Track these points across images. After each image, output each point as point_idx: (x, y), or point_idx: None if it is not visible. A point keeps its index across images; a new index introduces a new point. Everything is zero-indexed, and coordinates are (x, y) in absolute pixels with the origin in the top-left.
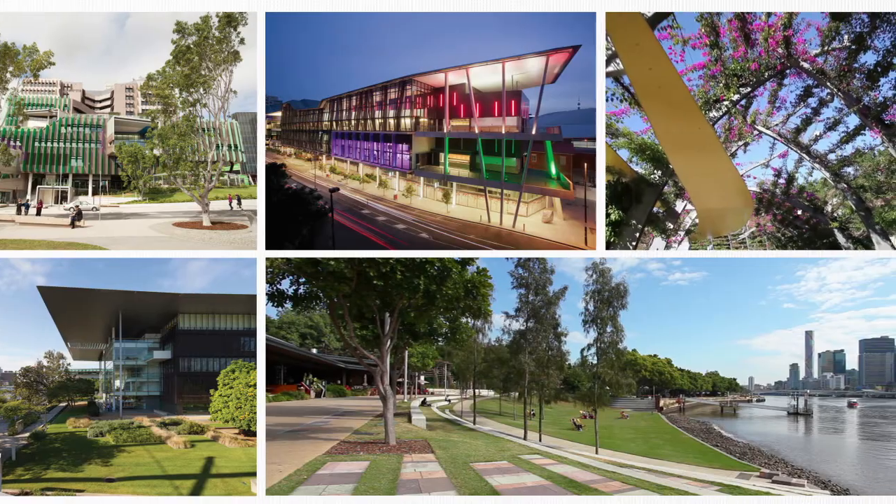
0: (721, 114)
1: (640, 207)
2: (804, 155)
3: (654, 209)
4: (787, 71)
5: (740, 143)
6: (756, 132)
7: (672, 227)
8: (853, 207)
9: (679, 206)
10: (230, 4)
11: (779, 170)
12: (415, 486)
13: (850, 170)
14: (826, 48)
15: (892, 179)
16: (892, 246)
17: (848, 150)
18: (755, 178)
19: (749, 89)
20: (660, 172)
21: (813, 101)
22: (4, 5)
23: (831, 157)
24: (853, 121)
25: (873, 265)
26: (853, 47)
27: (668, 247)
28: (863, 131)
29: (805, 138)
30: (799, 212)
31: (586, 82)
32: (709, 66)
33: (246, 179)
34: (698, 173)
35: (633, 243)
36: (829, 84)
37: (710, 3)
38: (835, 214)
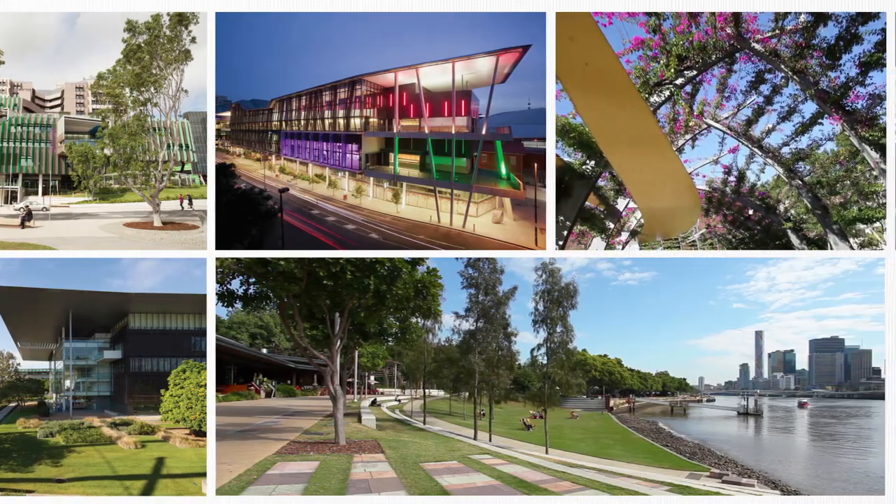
0: (663, 99)
1: (568, 202)
2: (756, 150)
3: (590, 206)
4: (738, 55)
5: (687, 136)
6: (704, 125)
7: (613, 227)
8: (808, 206)
9: (621, 203)
10: (181, 4)
11: (729, 166)
12: (365, 486)
13: (805, 166)
14: (780, 26)
15: (852, 174)
16: (851, 247)
17: (803, 142)
18: (704, 175)
19: (695, 72)
20: (593, 163)
21: (766, 89)
22: None
23: (785, 151)
24: (810, 109)
25: (823, 265)
26: (811, 19)
27: (608, 247)
28: (820, 120)
29: (757, 131)
30: (750, 212)
31: (536, 82)
32: (648, 42)
33: (197, 179)
34: (641, 170)
35: (561, 242)
36: (783, 67)
37: (665, 3)
38: (788, 214)
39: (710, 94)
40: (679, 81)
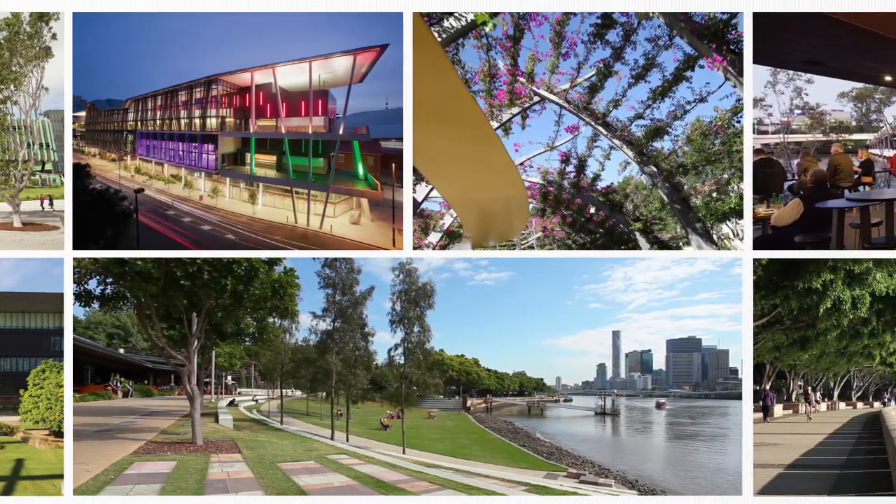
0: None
1: None
2: (600, 129)
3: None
4: None
5: (514, 110)
6: (535, 96)
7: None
8: (664, 199)
9: (420, 192)
10: (36, 4)
11: (567, 153)
12: (222, 486)
13: (663, 144)
14: None
15: (732, 147)
16: (718, 247)
17: (664, 110)
18: (539, 168)
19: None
20: None
21: (615, 36)
22: None
23: (638, 127)
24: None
25: (680, 265)
26: None
27: (416, 247)
28: (688, 72)
29: (603, 103)
30: (592, 210)
31: (394, 82)
32: None
33: (58, 179)
34: (448, 156)
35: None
36: None
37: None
38: (637, 213)
39: (542, 49)
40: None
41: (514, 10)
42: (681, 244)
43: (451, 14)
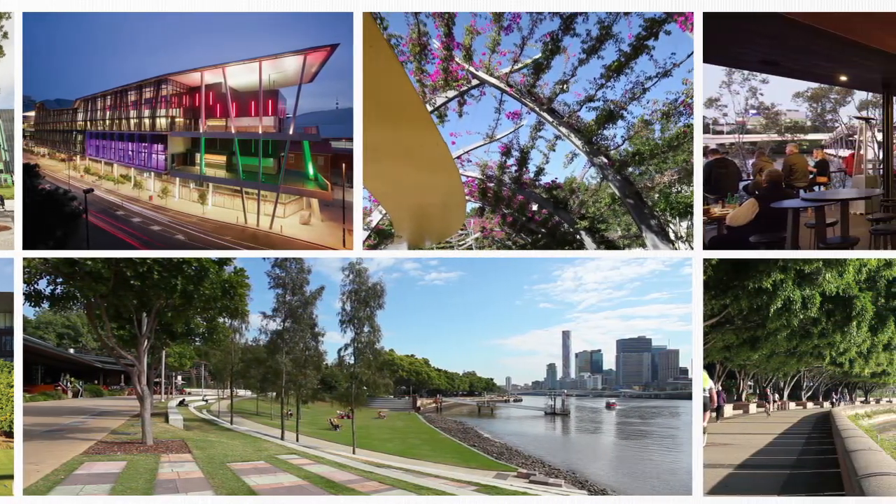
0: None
1: None
2: (545, 116)
3: None
4: None
5: (449, 93)
6: (474, 79)
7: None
8: (616, 193)
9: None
10: None
11: (508, 146)
12: (172, 486)
13: (616, 131)
14: None
15: (678, 143)
16: (675, 245)
17: (619, 90)
18: (478, 161)
19: None
20: None
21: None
22: None
23: (589, 110)
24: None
25: (630, 265)
26: None
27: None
28: (651, 41)
29: (549, 87)
30: (535, 207)
31: (344, 81)
32: None
33: (9, 179)
34: (387, 156)
35: None
36: None
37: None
38: (583, 211)
39: (481, 23)
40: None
41: (465, 10)
42: (631, 243)
43: None
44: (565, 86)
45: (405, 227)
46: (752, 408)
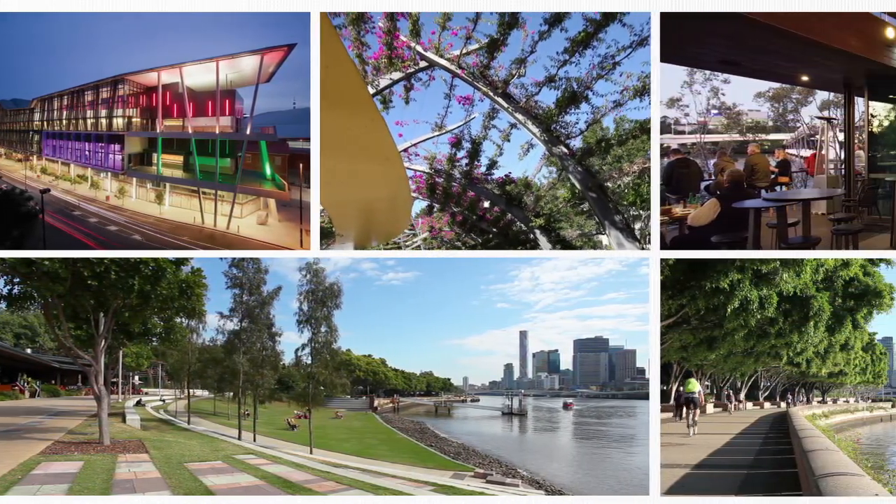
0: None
1: None
2: (499, 101)
3: None
4: None
5: (394, 74)
6: (421, 60)
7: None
8: (576, 187)
9: None
10: None
11: (459, 136)
12: (129, 485)
13: (579, 116)
14: None
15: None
16: (640, 243)
17: (584, 66)
18: (426, 156)
19: None
20: None
21: None
22: None
23: (551, 90)
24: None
25: (587, 265)
26: None
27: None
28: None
29: (504, 68)
30: (486, 204)
31: (301, 81)
32: None
33: None
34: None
35: None
36: None
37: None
38: (538, 208)
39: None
40: None
41: (428, 10)
42: (584, 244)
43: None
44: (523, 67)
45: (347, 225)
46: (710, 408)
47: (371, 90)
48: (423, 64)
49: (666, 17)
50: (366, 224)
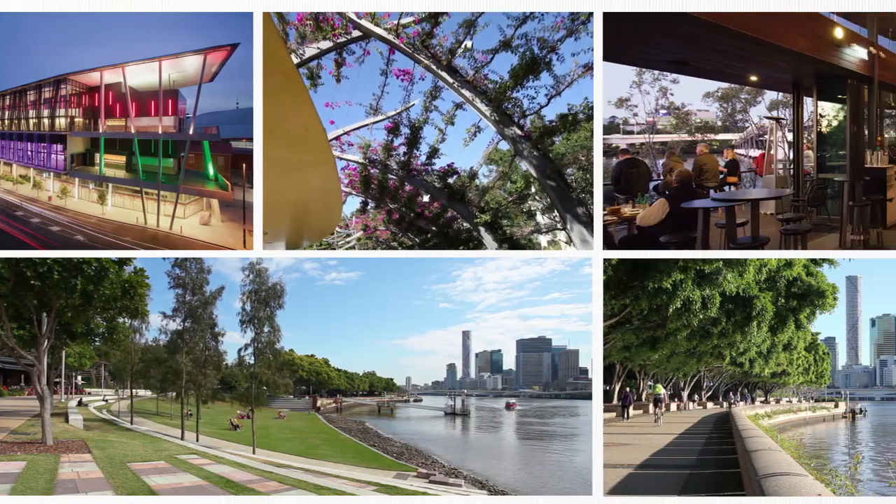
0: None
1: None
2: (443, 76)
3: None
4: None
5: (322, 43)
6: (354, 30)
7: None
8: (532, 175)
9: None
10: None
11: (396, 121)
12: (72, 485)
13: (537, 92)
14: None
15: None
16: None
17: (550, 19)
18: (360, 146)
19: None
20: None
21: None
22: None
23: (505, 62)
24: None
25: (530, 265)
26: None
27: None
28: None
29: (449, 40)
30: (426, 198)
31: (244, 81)
32: None
33: None
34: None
35: None
36: None
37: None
38: (484, 203)
39: None
40: None
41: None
42: (528, 243)
43: None
44: (472, 30)
45: (277, 223)
46: (652, 408)
47: (295, 60)
48: (356, 34)
49: (614, 17)
50: (297, 221)
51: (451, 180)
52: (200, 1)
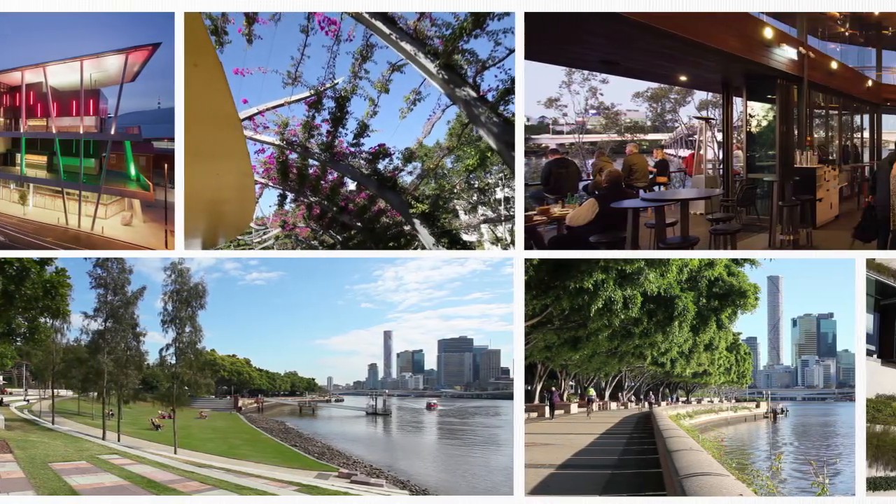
0: None
1: None
2: (378, 26)
3: None
4: None
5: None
6: None
7: None
8: (487, 151)
9: None
10: None
11: (318, 91)
12: None
13: (496, 46)
14: None
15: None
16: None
17: None
18: (278, 127)
19: None
20: None
21: None
22: None
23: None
24: None
25: (451, 265)
26: None
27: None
28: None
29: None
30: (352, 186)
31: (166, 81)
32: None
33: None
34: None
35: None
36: None
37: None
38: (422, 191)
39: None
40: None
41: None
42: (466, 236)
43: None
44: None
45: (192, 220)
46: (574, 408)
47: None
48: None
49: (539, 15)
50: (213, 218)
51: (381, 165)
52: (121, 1)
